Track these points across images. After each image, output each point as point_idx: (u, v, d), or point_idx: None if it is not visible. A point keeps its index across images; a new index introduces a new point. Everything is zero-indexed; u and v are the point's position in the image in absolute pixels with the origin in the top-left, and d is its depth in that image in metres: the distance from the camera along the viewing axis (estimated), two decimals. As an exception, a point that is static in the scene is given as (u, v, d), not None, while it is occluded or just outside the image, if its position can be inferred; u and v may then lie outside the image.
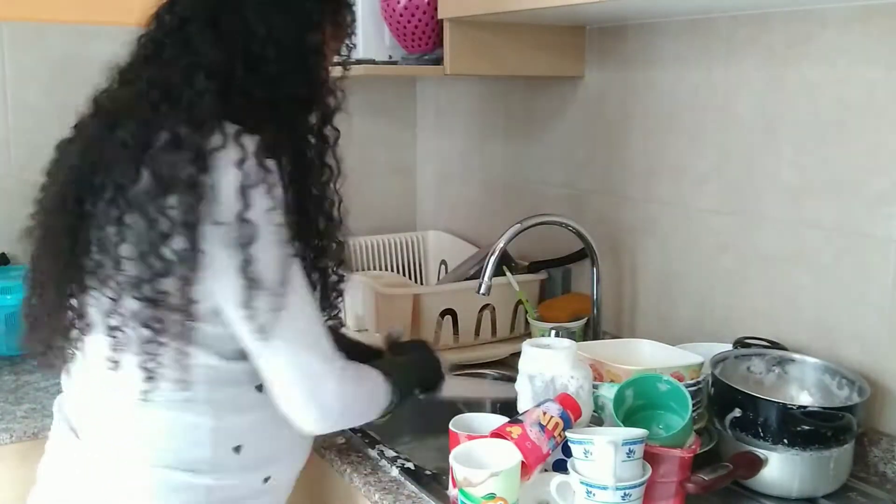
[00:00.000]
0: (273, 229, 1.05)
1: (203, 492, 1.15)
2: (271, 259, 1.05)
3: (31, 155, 2.03)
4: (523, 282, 1.89)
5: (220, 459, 1.15)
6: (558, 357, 1.27)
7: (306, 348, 1.10)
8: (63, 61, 2.02)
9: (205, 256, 1.03)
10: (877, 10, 1.31)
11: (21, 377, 1.70)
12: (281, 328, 1.06)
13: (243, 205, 1.02)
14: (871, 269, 1.36)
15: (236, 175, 1.02)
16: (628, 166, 1.78)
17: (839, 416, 1.21)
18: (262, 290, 1.04)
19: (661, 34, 1.67)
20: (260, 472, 1.19)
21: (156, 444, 1.13)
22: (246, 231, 1.02)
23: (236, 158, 1.03)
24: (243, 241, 1.02)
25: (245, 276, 1.03)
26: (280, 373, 1.10)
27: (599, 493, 1.07)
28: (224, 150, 1.03)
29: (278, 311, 1.05)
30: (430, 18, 1.76)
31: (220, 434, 1.14)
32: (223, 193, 1.02)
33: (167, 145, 1.04)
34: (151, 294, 1.04)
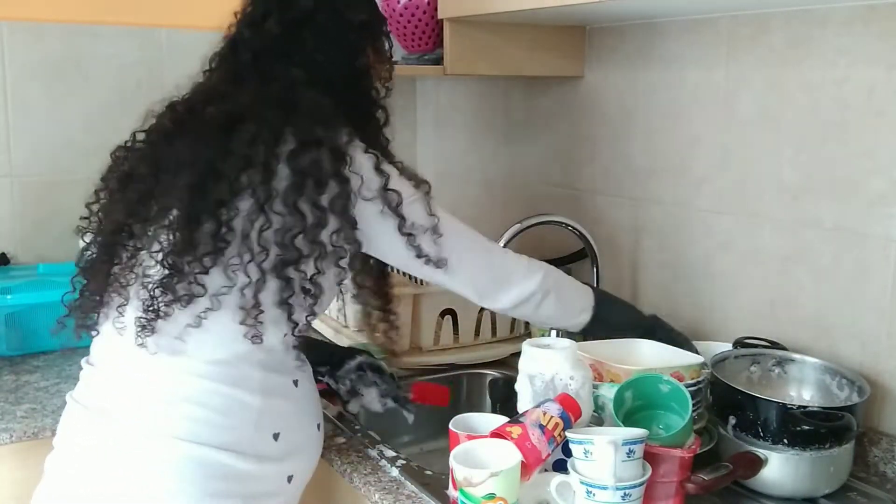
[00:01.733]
0: (407, 184, 1.24)
1: (240, 481, 1.15)
2: (415, 210, 1.23)
3: (31, 155, 2.05)
4: (523, 282, 1.89)
5: (261, 444, 1.18)
6: (558, 357, 1.27)
7: (482, 264, 1.30)
8: (63, 61, 2.02)
9: (361, 232, 1.20)
10: (877, 10, 1.32)
11: (21, 377, 1.70)
12: (451, 252, 1.25)
13: (382, 178, 1.20)
14: (871, 269, 1.36)
15: (369, 158, 1.21)
16: (628, 166, 1.78)
17: (839, 415, 1.21)
18: (422, 235, 1.22)
19: (661, 34, 1.67)
20: (287, 466, 1.22)
21: (198, 417, 1.14)
22: (392, 198, 1.20)
23: (362, 147, 1.21)
24: (393, 205, 1.20)
25: (404, 233, 1.21)
26: (473, 282, 1.30)
27: (599, 493, 1.07)
28: (352, 143, 1.21)
29: (440, 241, 1.24)
30: (430, 18, 1.76)
31: (265, 417, 1.18)
32: (365, 176, 1.19)
33: (302, 145, 1.17)
34: (292, 275, 1.15)
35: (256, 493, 1.19)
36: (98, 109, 2.04)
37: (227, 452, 1.14)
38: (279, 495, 1.23)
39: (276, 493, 1.23)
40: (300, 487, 1.28)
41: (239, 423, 1.16)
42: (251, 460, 1.16)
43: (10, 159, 1.98)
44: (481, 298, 1.32)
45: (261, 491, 1.19)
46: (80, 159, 1.99)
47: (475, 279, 1.30)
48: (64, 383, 1.66)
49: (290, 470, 1.23)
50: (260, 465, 1.18)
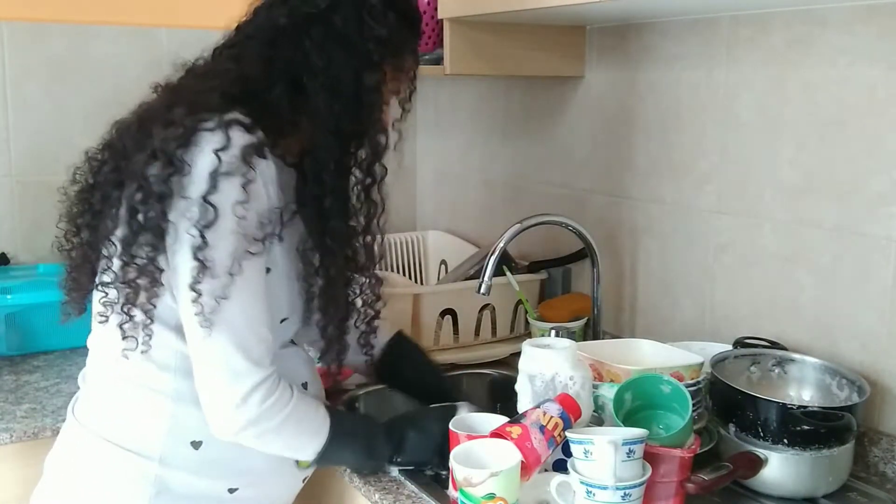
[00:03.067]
0: (235, 220, 1.06)
1: (151, 480, 1.16)
2: (225, 248, 1.06)
3: (31, 155, 2.05)
4: (523, 282, 1.89)
5: (174, 450, 1.16)
6: (558, 357, 1.27)
7: (236, 344, 1.09)
8: (63, 61, 2.02)
9: (170, 227, 1.08)
10: (877, 10, 1.32)
11: (21, 377, 1.70)
12: (219, 319, 1.07)
13: (210, 188, 1.05)
14: (871, 269, 1.36)
15: (212, 159, 1.06)
16: (628, 166, 1.78)
17: (839, 415, 1.21)
18: (210, 275, 1.06)
19: (661, 34, 1.67)
20: (224, 479, 1.19)
21: (115, 418, 1.18)
22: (207, 213, 1.05)
23: (218, 145, 1.06)
24: (203, 222, 1.05)
25: (196, 258, 1.05)
26: (205, 359, 1.10)
27: (600, 492, 1.07)
28: (210, 133, 1.07)
29: (221, 299, 1.07)
30: (430, 18, 1.76)
31: (178, 423, 1.16)
32: (195, 172, 1.06)
33: (165, 124, 1.10)
34: (130, 256, 1.10)
35: (175, 491, 1.17)
36: (98, 109, 2.03)
37: (133, 454, 1.16)
38: (212, 501, 1.20)
39: (205, 499, 1.19)
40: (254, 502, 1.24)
41: (149, 427, 1.16)
42: (165, 466, 1.16)
43: (10, 159, 1.99)
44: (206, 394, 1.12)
45: (181, 492, 1.17)
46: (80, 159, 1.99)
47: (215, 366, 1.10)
48: (64, 383, 1.66)
49: (232, 483, 1.20)
50: (172, 470, 1.16)
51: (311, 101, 1.15)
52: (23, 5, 1.98)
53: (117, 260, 1.13)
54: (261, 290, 1.12)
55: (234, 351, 1.09)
